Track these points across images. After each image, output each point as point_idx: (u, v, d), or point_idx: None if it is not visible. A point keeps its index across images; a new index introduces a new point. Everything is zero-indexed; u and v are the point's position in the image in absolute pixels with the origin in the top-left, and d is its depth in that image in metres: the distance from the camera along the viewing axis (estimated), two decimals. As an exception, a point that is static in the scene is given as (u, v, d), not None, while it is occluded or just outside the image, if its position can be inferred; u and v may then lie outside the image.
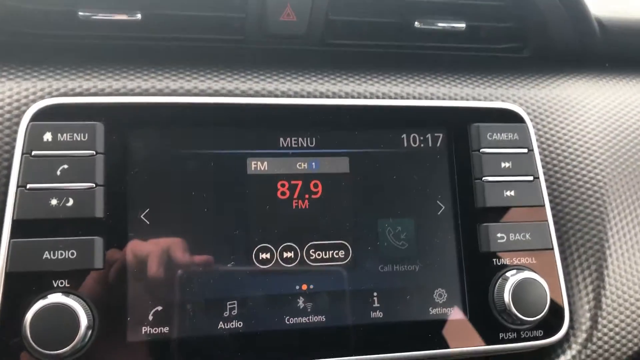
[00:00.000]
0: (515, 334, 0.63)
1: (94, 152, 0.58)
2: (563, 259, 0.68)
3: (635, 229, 0.70)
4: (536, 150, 0.68)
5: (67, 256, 0.56)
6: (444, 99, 0.71)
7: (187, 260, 0.58)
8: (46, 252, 0.55)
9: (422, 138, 0.66)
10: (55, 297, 0.54)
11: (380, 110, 0.66)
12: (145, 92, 0.65)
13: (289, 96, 0.68)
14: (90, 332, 0.55)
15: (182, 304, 0.58)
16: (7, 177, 0.58)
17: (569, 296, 0.67)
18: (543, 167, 0.70)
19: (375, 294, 0.62)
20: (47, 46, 0.68)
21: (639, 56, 0.84)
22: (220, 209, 0.60)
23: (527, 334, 0.63)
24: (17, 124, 0.60)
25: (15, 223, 0.56)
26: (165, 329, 0.57)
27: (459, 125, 0.67)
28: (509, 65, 0.79)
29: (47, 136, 0.58)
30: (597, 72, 0.82)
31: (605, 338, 0.66)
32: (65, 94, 0.63)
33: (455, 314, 0.63)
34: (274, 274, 0.60)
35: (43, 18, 0.68)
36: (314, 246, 0.62)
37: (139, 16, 0.68)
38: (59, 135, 0.58)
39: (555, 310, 0.64)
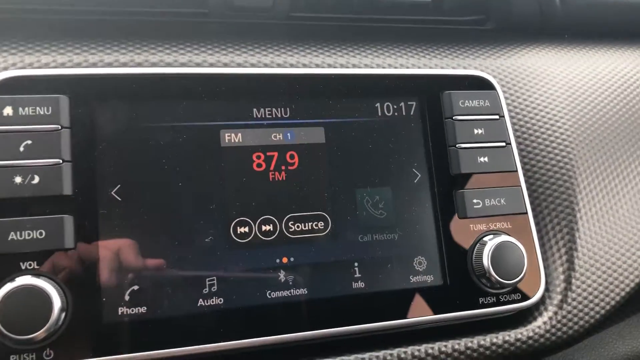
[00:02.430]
0: (494, 298, 0.63)
1: (59, 127, 0.55)
2: (536, 223, 0.69)
3: (602, 192, 0.72)
4: (507, 117, 0.69)
5: (35, 236, 0.52)
6: (413, 68, 0.71)
7: (162, 236, 0.56)
8: (12, 233, 0.52)
9: (395, 107, 0.65)
10: (25, 279, 0.51)
11: (353, 80, 0.65)
12: (109, 66, 0.62)
13: (260, 67, 0.66)
14: (64, 314, 0.52)
15: (159, 282, 0.55)
16: (-35, 155, 0.54)
17: (543, 259, 0.68)
18: (513, 133, 0.70)
19: (356, 264, 0.61)
20: (1, 17, 0.64)
21: (595, 28, 0.87)
22: (195, 183, 0.58)
23: (505, 297, 0.64)
24: (-27, 99, 0.57)
25: (-23, 203, 0.52)
26: (143, 309, 0.55)
27: (431, 93, 0.67)
28: (474, 37, 0.80)
29: (8, 110, 0.54)
30: (557, 42, 0.84)
31: (579, 299, 0.67)
32: (23, 69, 0.60)
33: (436, 281, 0.63)
34: (253, 248, 0.59)
35: (-6, -10, 0.64)
36: (292, 218, 0.60)
37: (98, -13, 0.65)
38: (21, 109, 0.54)
39: (532, 273, 0.65)
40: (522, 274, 0.63)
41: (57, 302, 0.51)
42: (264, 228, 0.59)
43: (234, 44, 0.68)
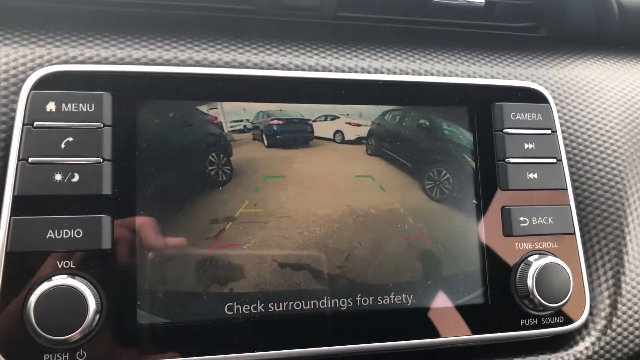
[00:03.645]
0: (536, 320, 0.61)
1: (101, 124, 0.54)
2: (583, 244, 0.66)
3: (655, 214, 0.69)
4: (559, 132, 0.66)
5: (72, 235, 0.52)
6: (462, 76, 0.69)
7: (200, 241, 0.55)
8: (50, 231, 0.51)
9: (444, 116, 0.63)
10: (61, 279, 0.50)
11: (402, 87, 0.63)
12: (152, 63, 0.61)
13: (303, 70, 0.65)
14: (98, 316, 0.51)
15: (195, 287, 0.54)
16: (7, 149, 0.54)
17: (588, 282, 0.65)
18: (565, 148, 0.68)
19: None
20: (46, 11, 0.63)
21: (654, 39, 0.83)
22: (235, 185, 0.57)
23: (547, 320, 0.62)
24: (16, 92, 0.56)
25: (16, 199, 0.51)
26: (177, 312, 0.54)
27: (482, 103, 0.64)
28: (525, 44, 0.77)
29: (51, 106, 0.53)
30: (613, 53, 0.80)
31: (625, 325, 0.64)
32: (66, 62, 0.59)
33: (477, 300, 0.60)
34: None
35: (40, -20, 0.63)
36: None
37: (145, -19, 0.63)
38: (64, 105, 0.54)
39: (576, 296, 0.62)
40: (566, 298, 0.61)
41: (92, 304, 0.50)
42: None
43: (279, 44, 0.67)
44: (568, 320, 0.62)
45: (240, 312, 0.55)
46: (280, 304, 0.56)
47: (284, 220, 0.58)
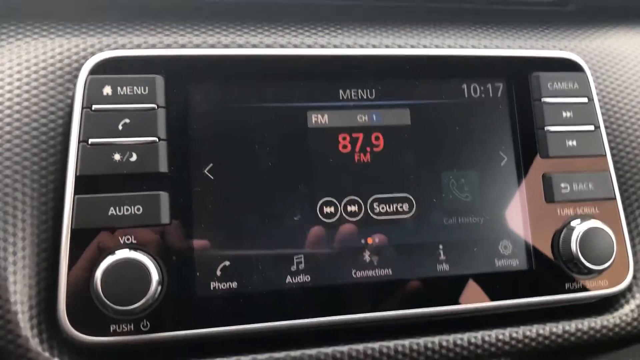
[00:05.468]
0: (580, 284, 0.62)
1: (155, 106, 0.56)
2: (624, 208, 0.67)
3: (694, 177, 0.69)
4: (596, 100, 0.67)
5: (133, 212, 0.54)
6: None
7: (252, 214, 0.57)
8: (111, 208, 0.54)
9: (482, 88, 0.65)
10: (124, 253, 0.53)
11: (440, 60, 0.64)
12: (198, 48, 0.63)
13: (347, 47, 0.66)
14: (160, 287, 0.53)
15: (249, 259, 0.57)
16: (67, 132, 0.56)
17: (631, 246, 0.66)
18: (602, 116, 0.69)
19: (440, 246, 0.61)
20: (90, 3, 0.66)
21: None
22: (283, 163, 0.59)
23: (592, 283, 0.63)
24: (72, 80, 0.59)
25: (78, 179, 0.54)
26: (234, 284, 0.56)
27: (519, 74, 0.66)
28: (556, 19, 0.78)
29: (107, 90, 0.56)
30: (642, 24, 0.81)
31: (669, 287, 0.65)
32: (117, 49, 0.61)
33: (521, 265, 0.62)
34: (339, 227, 0.59)
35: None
36: (377, 199, 0.60)
37: (186, -31, 0.66)
38: (119, 88, 0.56)
39: (620, 260, 0.63)
40: (611, 260, 0.62)
41: (155, 276, 0.53)
42: (349, 209, 0.60)
43: (316, 26, 0.68)
44: (612, 283, 0.63)
45: (295, 281, 0.57)
46: (333, 272, 0.58)
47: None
